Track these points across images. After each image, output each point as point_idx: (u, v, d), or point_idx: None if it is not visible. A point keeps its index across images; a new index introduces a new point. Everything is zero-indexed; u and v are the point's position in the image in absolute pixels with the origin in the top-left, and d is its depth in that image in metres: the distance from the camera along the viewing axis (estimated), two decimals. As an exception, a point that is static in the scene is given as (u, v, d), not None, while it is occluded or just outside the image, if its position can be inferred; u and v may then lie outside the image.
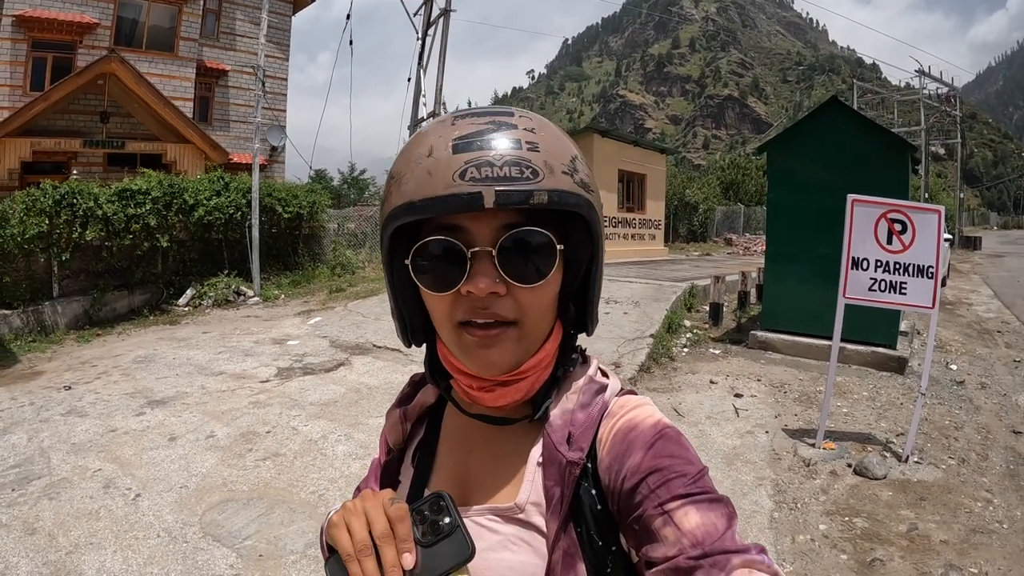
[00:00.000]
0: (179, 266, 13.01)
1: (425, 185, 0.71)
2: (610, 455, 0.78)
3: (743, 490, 4.56)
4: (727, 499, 0.72)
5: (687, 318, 10.02)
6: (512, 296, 0.75)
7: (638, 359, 7.47)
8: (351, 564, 0.65)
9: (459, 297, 0.75)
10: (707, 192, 36.21)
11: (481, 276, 0.73)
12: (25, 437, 5.75)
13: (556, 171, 0.73)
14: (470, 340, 0.77)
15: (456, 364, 0.83)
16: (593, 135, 20.83)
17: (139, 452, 5.34)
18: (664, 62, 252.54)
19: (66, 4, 19.02)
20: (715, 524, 0.68)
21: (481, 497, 0.84)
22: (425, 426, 0.96)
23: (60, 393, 7.11)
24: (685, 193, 33.04)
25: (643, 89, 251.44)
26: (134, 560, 3.71)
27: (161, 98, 17.85)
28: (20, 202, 10.63)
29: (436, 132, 0.75)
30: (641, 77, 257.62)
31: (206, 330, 10.34)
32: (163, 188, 12.43)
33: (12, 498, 4.53)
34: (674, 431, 0.78)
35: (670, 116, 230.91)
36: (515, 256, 0.74)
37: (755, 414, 6.09)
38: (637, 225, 22.93)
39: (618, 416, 0.82)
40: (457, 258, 0.74)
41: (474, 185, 0.69)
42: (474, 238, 0.74)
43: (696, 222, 33.87)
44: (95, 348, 9.57)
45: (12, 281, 10.37)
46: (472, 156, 0.70)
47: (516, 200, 0.69)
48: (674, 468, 0.73)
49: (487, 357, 0.77)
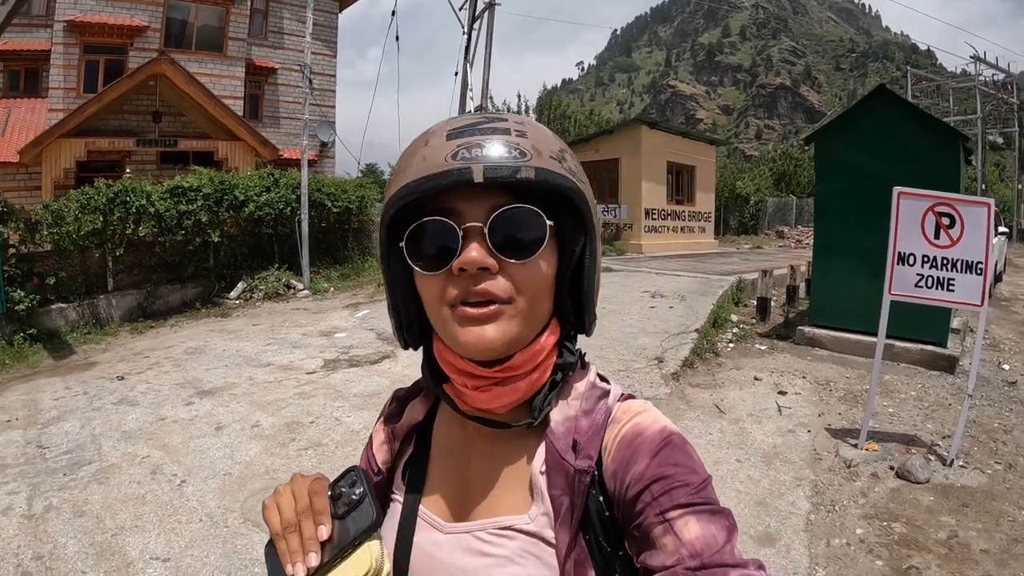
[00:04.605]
0: (230, 260, 13.20)
1: (420, 168, 0.74)
2: (615, 461, 0.77)
3: (780, 490, 4.43)
4: (728, 511, 0.72)
5: (734, 312, 9.79)
6: (505, 273, 0.75)
7: (681, 354, 7.32)
8: (279, 542, 0.72)
9: (451, 277, 0.75)
10: (758, 184, 35.39)
11: (472, 250, 0.73)
12: (78, 425, 5.97)
13: (544, 155, 0.75)
14: (462, 318, 0.76)
15: (452, 361, 0.81)
16: (641, 127, 20.53)
17: (186, 440, 5.48)
18: (714, 51, 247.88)
19: (116, 8, 19.49)
20: (715, 536, 0.68)
21: (484, 510, 0.83)
22: (414, 442, 0.94)
23: (113, 383, 7.32)
24: (736, 185, 32.34)
25: (693, 79, 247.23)
26: (176, 543, 3.85)
27: (211, 97, 18.13)
28: (75, 200, 10.88)
29: (435, 129, 0.79)
30: (691, 67, 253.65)
31: (256, 322, 10.49)
32: (214, 185, 12.60)
33: (63, 482, 4.72)
34: (679, 438, 0.78)
35: (721, 106, 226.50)
36: (506, 231, 0.75)
37: (798, 412, 5.91)
38: (686, 218, 22.48)
39: (623, 422, 0.81)
40: (449, 236, 0.74)
41: (464, 163, 0.71)
42: (466, 218, 0.75)
43: (747, 214, 33.19)
44: (148, 340, 9.80)
45: (68, 276, 10.65)
46: (464, 140, 0.73)
47: (504, 175, 0.71)
48: (678, 477, 0.72)
49: (481, 334, 0.75)
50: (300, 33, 19.25)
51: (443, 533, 0.83)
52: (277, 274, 13.19)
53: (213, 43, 21.11)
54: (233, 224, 13.09)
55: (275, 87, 23.50)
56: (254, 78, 22.59)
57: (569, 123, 35.11)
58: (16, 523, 4.13)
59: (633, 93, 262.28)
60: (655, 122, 21.95)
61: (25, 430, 5.91)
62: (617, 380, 3.96)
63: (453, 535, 0.82)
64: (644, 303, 9.76)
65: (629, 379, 6.53)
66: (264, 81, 23.22)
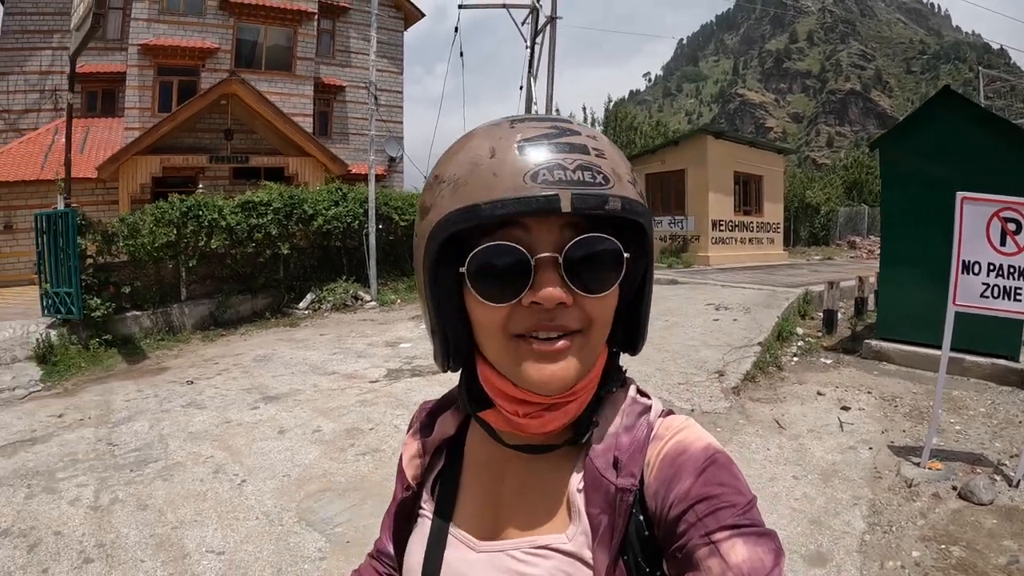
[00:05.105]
0: (300, 272, 13.47)
1: (492, 187, 0.67)
2: (657, 480, 0.73)
3: (836, 509, 4.24)
4: (775, 534, 0.68)
5: (800, 325, 9.53)
6: (578, 307, 0.71)
7: (743, 368, 7.14)
8: None
9: (518, 308, 0.70)
10: (829, 193, 34.49)
11: (548, 285, 0.68)
12: (147, 425, 6.21)
13: (623, 179, 0.70)
14: (529, 353, 0.71)
15: (501, 388, 0.76)
16: (706, 137, 20.22)
17: (249, 442, 5.62)
18: (782, 58, 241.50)
19: (187, 31, 20.46)
20: (762, 560, 0.64)
21: (518, 529, 0.80)
22: (445, 456, 0.91)
23: (183, 387, 7.56)
24: (806, 194, 31.59)
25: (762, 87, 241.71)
26: (232, 538, 3.97)
27: (281, 115, 18.65)
28: (150, 214, 11.27)
29: (494, 134, 0.72)
30: (759, 74, 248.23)
31: (323, 332, 10.66)
32: (283, 199, 12.92)
33: (130, 477, 4.93)
34: (724, 456, 0.74)
35: (791, 114, 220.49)
36: (582, 264, 0.69)
37: (861, 429, 5.66)
38: (755, 229, 22.02)
39: (666, 439, 0.77)
40: (520, 265, 0.69)
41: (548, 188, 0.66)
42: (536, 244, 0.70)
43: (818, 224, 32.35)
44: (218, 347, 10.09)
45: (143, 285, 11.02)
46: (542, 158, 0.67)
47: (592, 205, 0.66)
48: (724, 497, 0.68)
49: (551, 372, 0.71)
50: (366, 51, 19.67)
51: (475, 552, 0.80)
52: (345, 286, 13.40)
53: (282, 63, 21.89)
54: (302, 237, 13.37)
55: (343, 104, 24.12)
56: (323, 96, 23.24)
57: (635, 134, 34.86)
58: (83, 513, 4.33)
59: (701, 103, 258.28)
60: (721, 132, 21.63)
61: (97, 428, 6.18)
62: (676, 394, 3.94)
63: (486, 554, 0.79)
64: (708, 316, 9.62)
65: (688, 392, 6.39)
66: (333, 98, 23.86)
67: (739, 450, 5.11)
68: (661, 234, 20.86)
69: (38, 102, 21.21)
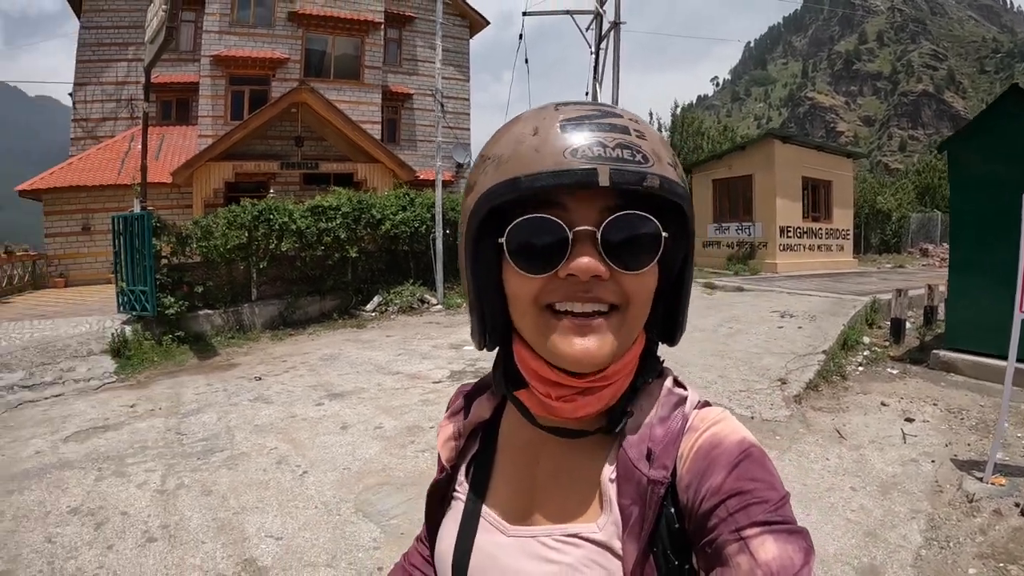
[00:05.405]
0: (367, 275, 13.67)
1: (533, 161, 0.68)
2: (690, 473, 0.72)
3: (893, 522, 4.05)
4: (806, 532, 0.66)
5: (867, 334, 9.23)
6: (614, 282, 0.70)
7: (806, 376, 6.98)
8: None
9: (553, 280, 0.70)
10: (901, 198, 33.06)
11: (584, 256, 0.68)
12: (215, 417, 6.40)
13: (663, 160, 0.70)
14: (562, 327, 0.71)
15: (536, 368, 0.76)
16: (773, 141, 19.65)
17: (313, 436, 5.73)
18: (852, 59, 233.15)
19: (258, 43, 21.18)
20: (792, 559, 0.63)
21: (549, 516, 0.79)
22: (480, 439, 0.91)
23: (251, 382, 7.75)
24: (876, 200, 30.33)
25: (832, 89, 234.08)
26: (290, 525, 4.08)
27: (350, 123, 19.02)
28: (222, 217, 11.62)
29: (539, 115, 0.73)
30: (829, 77, 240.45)
31: (389, 334, 10.76)
32: (352, 204, 13.14)
33: (196, 465, 5.10)
34: (759, 451, 0.72)
35: (862, 117, 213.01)
36: (620, 239, 0.69)
37: (924, 441, 5.42)
38: (823, 235, 21.24)
39: (700, 431, 0.75)
40: (558, 238, 0.69)
41: (588, 162, 0.66)
42: (575, 220, 0.70)
43: (889, 231, 31.06)
44: (286, 346, 10.28)
45: (215, 285, 11.37)
46: (583, 136, 0.68)
47: (630, 180, 0.66)
48: (756, 493, 0.67)
49: (583, 347, 0.70)
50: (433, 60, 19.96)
51: (506, 536, 0.80)
52: (412, 289, 13.53)
53: (350, 71, 22.40)
54: (370, 241, 13.57)
55: (411, 111, 24.50)
56: (391, 103, 23.67)
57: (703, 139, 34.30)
58: (149, 496, 4.50)
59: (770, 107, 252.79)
60: (788, 136, 20.91)
61: (167, 418, 6.38)
62: (737, 400, 3.91)
63: (516, 539, 0.79)
64: (772, 323, 9.48)
65: (749, 400, 6.29)
66: (400, 106, 24.26)
67: (798, 459, 5.00)
68: (728, 241, 20.51)
69: (115, 111, 22.29)
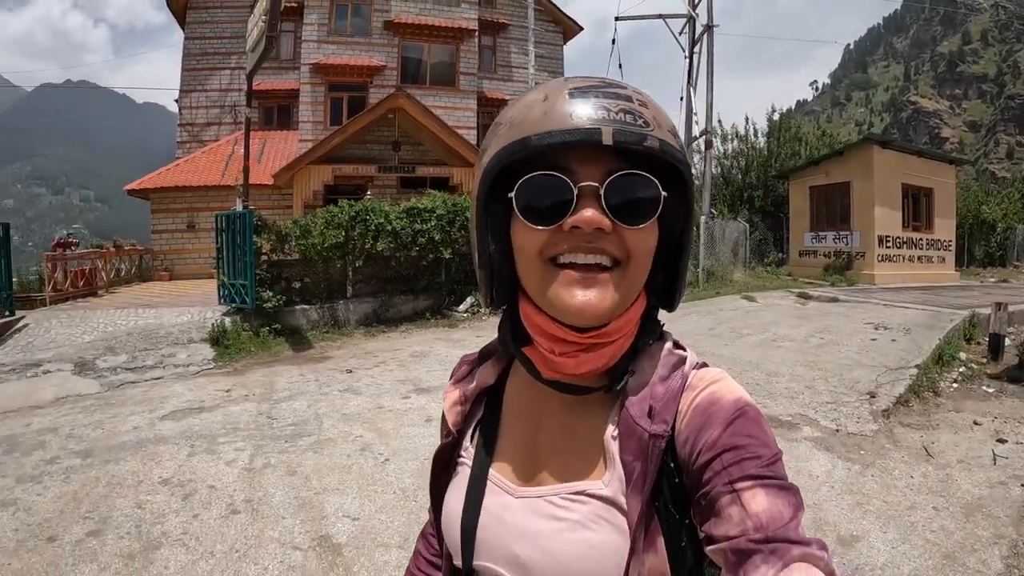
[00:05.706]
0: (460, 276, 13.70)
1: (541, 123, 0.72)
2: (688, 428, 0.75)
3: (974, 546, 3.74)
4: (797, 489, 0.69)
5: (964, 350, 8.63)
6: (616, 237, 0.74)
7: (896, 390, 6.59)
8: None
9: (558, 233, 0.74)
10: (1007, 208, 30.66)
11: (588, 209, 0.72)
12: (305, 404, 6.57)
13: (663, 127, 0.74)
14: (566, 279, 0.74)
15: (540, 324, 0.78)
16: (872, 147, 18.55)
17: (397, 427, 5.83)
18: (955, 60, 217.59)
19: (355, 51, 21.90)
20: (781, 511, 0.65)
21: (555, 475, 0.81)
22: (485, 404, 0.92)
23: (342, 375, 7.91)
24: (981, 210, 28.07)
25: (935, 93, 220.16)
26: (368, 507, 4.22)
27: (445, 128, 19.35)
28: (320, 217, 11.92)
29: (550, 85, 0.77)
30: (932, 79, 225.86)
31: (479, 334, 10.76)
32: (447, 207, 13.22)
33: (283, 447, 5.27)
34: (754, 410, 0.75)
35: (967, 122, 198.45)
36: (622, 195, 0.73)
37: (1016, 463, 5.02)
38: (924, 246, 19.78)
39: (699, 389, 0.78)
40: (564, 193, 0.73)
41: (592, 123, 0.70)
42: (580, 178, 0.73)
43: (993, 243, 28.75)
44: (378, 342, 10.44)
45: (312, 282, 11.69)
46: (589, 102, 0.72)
47: (631, 140, 0.70)
48: (750, 448, 0.70)
49: (585, 299, 0.73)
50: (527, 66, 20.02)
51: (514, 497, 0.81)
52: (504, 291, 13.47)
53: (446, 78, 22.82)
54: (464, 243, 13.58)
55: (507, 118, 24.65)
56: (486, 109, 23.90)
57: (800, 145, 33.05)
58: (236, 473, 4.68)
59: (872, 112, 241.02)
60: (887, 141, 19.57)
61: (259, 404, 6.59)
62: (823, 412, 4.05)
63: (524, 499, 0.80)
64: (865, 335, 9.06)
65: (836, 412, 6.01)
66: (496, 112, 24.36)
67: (881, 475, 4.69)
68: (825, 250, 19.56)
69: (219, 116, 23.66)
